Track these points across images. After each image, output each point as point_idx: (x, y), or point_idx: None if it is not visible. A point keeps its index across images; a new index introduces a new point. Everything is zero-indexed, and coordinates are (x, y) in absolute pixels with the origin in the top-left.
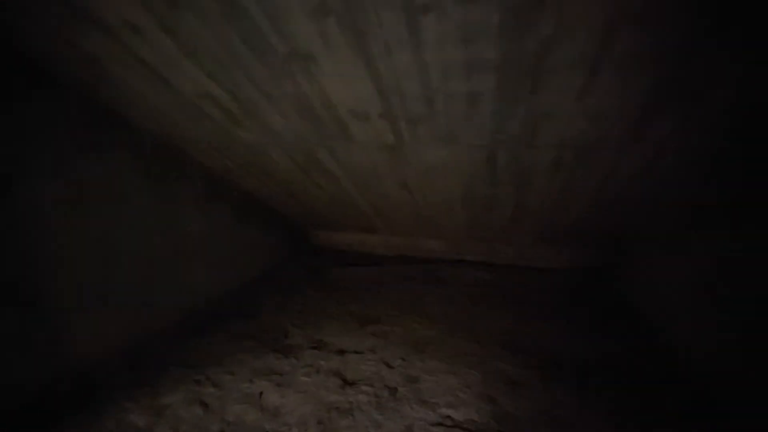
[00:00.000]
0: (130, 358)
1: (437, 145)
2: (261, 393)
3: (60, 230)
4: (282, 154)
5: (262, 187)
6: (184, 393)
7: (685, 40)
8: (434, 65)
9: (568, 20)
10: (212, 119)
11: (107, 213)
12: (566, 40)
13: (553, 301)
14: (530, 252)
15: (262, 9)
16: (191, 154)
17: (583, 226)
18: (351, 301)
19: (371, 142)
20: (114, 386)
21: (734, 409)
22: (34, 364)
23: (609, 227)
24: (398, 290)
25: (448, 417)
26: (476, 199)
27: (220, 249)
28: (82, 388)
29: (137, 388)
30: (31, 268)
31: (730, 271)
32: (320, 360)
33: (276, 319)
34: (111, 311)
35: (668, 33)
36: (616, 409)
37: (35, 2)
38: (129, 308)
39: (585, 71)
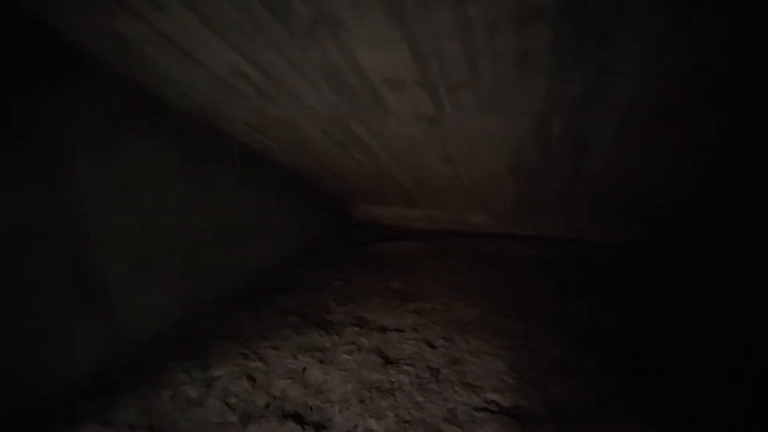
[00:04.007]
0: (182, 333)
1: (481, 114)
2: (304, 369)
3: (108, 214)
4: (317, 129)
5: (300, 163)
6: (233, 366)
7: None
8: (479, 20)
9: None
10: (244, 96)
11: (152, 195)
12: None
13: (606, 279)
14: (583, 226)
15: None
16: (229, 133)
17: (646, 199)
18: (392, 276)
19: (408, 113)
20: (168, 359)
21: None
22: (95, 341)
23: (674, 202)
24: (441, 266)
25: (494, 402)
26: (526, 170)
27: (262, 225)
28: (140, 360)
29: (189, 360)
30: (83, 250)
31: None
32: (361, 337)
33: (318, 295)
34: (162, 289)
35: None
36: (676, 400)
37: None
38: (179, 286)
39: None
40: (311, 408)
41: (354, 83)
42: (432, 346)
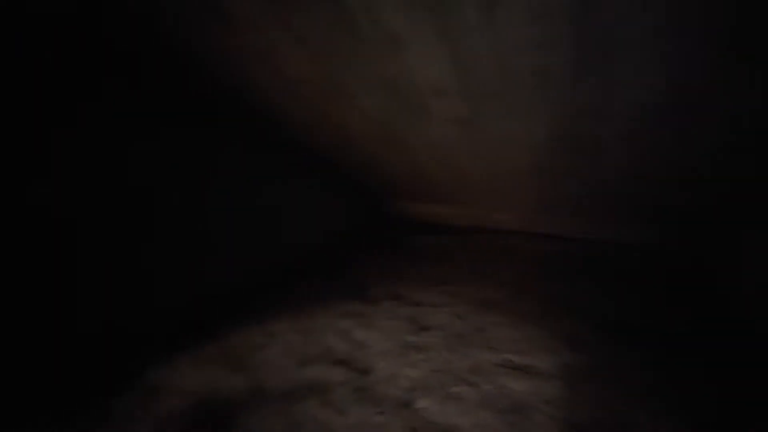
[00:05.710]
0: (242, 297)
1: (509, 118)
2: (349, 330)
3: (186, 196)
4: (366, 130)
5: (346, 160)
6: (288, 324)
7: None
8: (508, 43)
9: None
10: (305, 97)
11: (222, 185)
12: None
13: (620, 275)
14: (606, 226)
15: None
16: (287, 129)
17: (666, 201)
18: (424, 265)
19: (447, 116)
20: (234, 315)
21: None
22: (184, 288)
23: (696, 204)
24: (471, 257)
25: (510, 360)
26: (546, 172)
27: (308, 214)
28: (212, 314)
29: (251, 317)
30: (162, 227)
31: None
32: (398, 309)
33: (357, 277)
34: (227, 259)
35: None
36: (665, 365)
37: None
38: (242, 258)
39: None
40: (357, 358)
41: (406, 92)
42: (460, 318)
